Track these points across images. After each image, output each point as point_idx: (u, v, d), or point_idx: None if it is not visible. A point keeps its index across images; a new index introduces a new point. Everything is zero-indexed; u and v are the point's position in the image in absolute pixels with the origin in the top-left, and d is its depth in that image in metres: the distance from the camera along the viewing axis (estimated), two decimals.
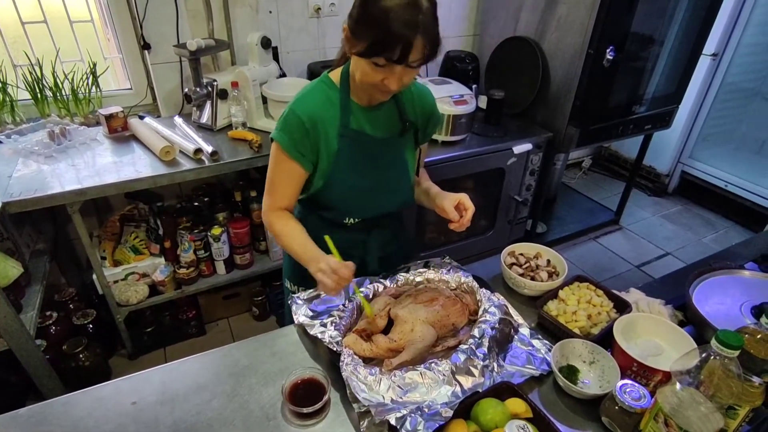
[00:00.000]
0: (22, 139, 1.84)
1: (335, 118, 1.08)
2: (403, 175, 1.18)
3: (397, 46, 0.89)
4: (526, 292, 1.17)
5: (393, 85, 0.97)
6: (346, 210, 1.17)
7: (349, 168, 1.11)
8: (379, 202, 1.19)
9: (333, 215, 1.17)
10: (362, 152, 1.12)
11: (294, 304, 1.08)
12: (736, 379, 0.69)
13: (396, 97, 1.13)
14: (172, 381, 0.96)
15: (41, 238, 1.97)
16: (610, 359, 0.94)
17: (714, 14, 2.46)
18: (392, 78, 0.95)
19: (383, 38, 0.89)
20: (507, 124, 2.40)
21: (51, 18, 1.96)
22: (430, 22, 0.91)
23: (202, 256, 2.08)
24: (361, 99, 1.10)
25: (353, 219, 1.19)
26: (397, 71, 0.94)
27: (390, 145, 1.15)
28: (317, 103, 1.07)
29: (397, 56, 0.90)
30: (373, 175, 1.14)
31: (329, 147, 1.08)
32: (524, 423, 0.75)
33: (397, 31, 0.87)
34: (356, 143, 1.10)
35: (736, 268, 1.20)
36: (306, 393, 0.88)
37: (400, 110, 1.14)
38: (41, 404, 0.91)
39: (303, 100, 1.08)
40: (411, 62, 0.92)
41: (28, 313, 1.64)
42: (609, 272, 2.79)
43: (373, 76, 0.96)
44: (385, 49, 0.90)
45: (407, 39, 0.88)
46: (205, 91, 1.99)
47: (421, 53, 0.92)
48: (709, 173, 3.35)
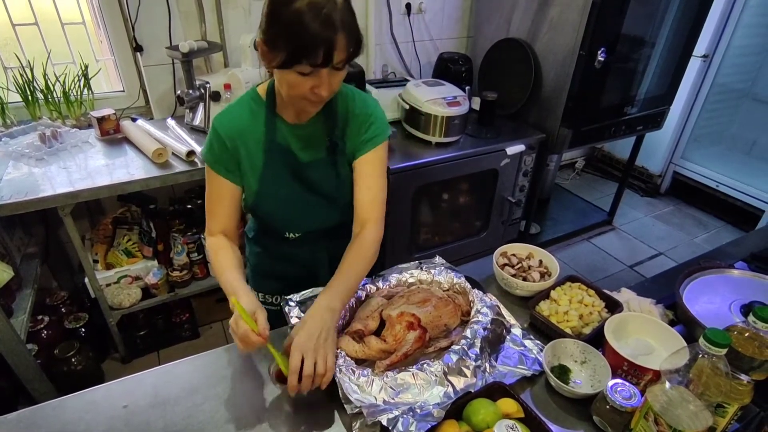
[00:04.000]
0: (13, 142, 1.83)
1: (261, 132, 1.03)
2: (336, 194, 1.11)
3: (319, 48, 0.83)
4: (519, 292, 1.18)
5: (324, 92, 0.90)
6: (283, 225, 1.14)
7: (277, 183, 1.06)
8: (314, 218, 1.14)
9: (273, 229, 1.15)
10: (290, 168, 1.07)
11: (287, 306, 1.07)
12: (724, 377, 0.70)
13: (327, 111, 1.04)
14: (164, 384, 0.95)
15: (32, 242, 1.96)
16: (601, 359, 0.94)
17: (704, 16, 2.48)
18: (321, 85, 0.89)
19: (302, 43, 0.82)
20: (500, 126, 2.41)
21: (42, 20, 1.95)
22: (347, 17, 0.84)
23: (195, 258, 2.08)
24: (288, 115, 1.04)
25: (293, 234, 1.15)
26: (324, 75, 0.88)
27: (316, 166, 1.08)
28: (239, 117, 1.03)
29: (321, 59, 0.84)
30: (304, 192, 1.09)
31: (254, 163, 1.04)
32: (513, 423, 0.76)
33: (315, 32, 0.81)
34: (282, 158, 1.05)
35: (725, 268, 1.21)
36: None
37: (328, 127, 1.06)
38: (31, 408, 0.90)
39: (224, 115, 1.03)
40: (336, 64, 0.86)
41: (18, 318, 1.63)
42: (602, 272, 2.81)
43: (301, 87, 0.89)
44: (307, 54, 0.83)
45: (328, 39, 0.82)
46: (198, 93, 1.99)
47: (345, 52, 0.86)
48: (700, 174, 3.37)
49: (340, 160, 1.09)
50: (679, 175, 3.50)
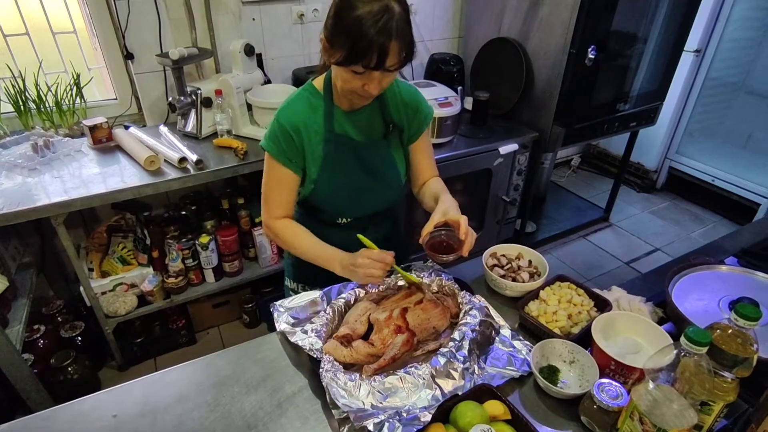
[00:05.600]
0: (6, 152, 1.83)
1: (319, 124, 1.11)
2: (390, 175, 1.21)
3: (374, 53, 0.91)
4: (508, 293, 1.18)
5: (373, 91, 0.99)
6: (337, 211, 1.21)
7: (336, 171, 1.14)
8: (368, 202, 1.22)
9: (326, 216, 1.21)
10: (348, 155, 1.15)
11: (276, 312, 1.08)
12: (707, 375, 0.70)
13: (380, 98, 1.14)
14: (154, 392, 0.96)
15: (27, 251, 1.96)
16: (589, 358, 0.94)
17: (695, 10, 2.49)
18: (372, 84, 0.98)
19: (359, 47, 0.91)
20: (493, 125, 2.41)
21: (33, 30, 1.96)
22: (403, 26, 0.93)
23: (190, 264, 2.08)
24: (343, 104, 1.13)
25: (345, 219, 1.23)
26: (376, 77, 0.97)
27: (375, 147, 1.18)
28: (300, 111, 1.11)
29: (375, 63, 0.92)
30: (360, 177, 1.17)
31: (314, 153, 1.12)
32: (488, 427, 0.75)
33: (371, 38, 0.89)
34: (341, 147, 1.13)
35: (714, 264, 1.21)
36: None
37: (383, 112, 1.16)
38: (22, 419, 0.90)
39: (286, 109, 1.11)
40: (388, 67, 0.94)
41: (14, 328, 1.63)
42: (599, 269, 2.81)
43: (353, 84, 0.99)
44: (362, 57, 0.92)
45: (382, 45, 0.90)
46: (190, 100, 1.99)
47: (398, 57, 0.94)
48: (696, 168, 3.37)
49: (395, 142, 1.20)
50: (674, 171, 3.50)
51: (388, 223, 1.34)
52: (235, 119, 2.03)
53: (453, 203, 1.11)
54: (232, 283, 2.20)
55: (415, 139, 1.23)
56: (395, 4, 0.91)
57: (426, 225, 1.07)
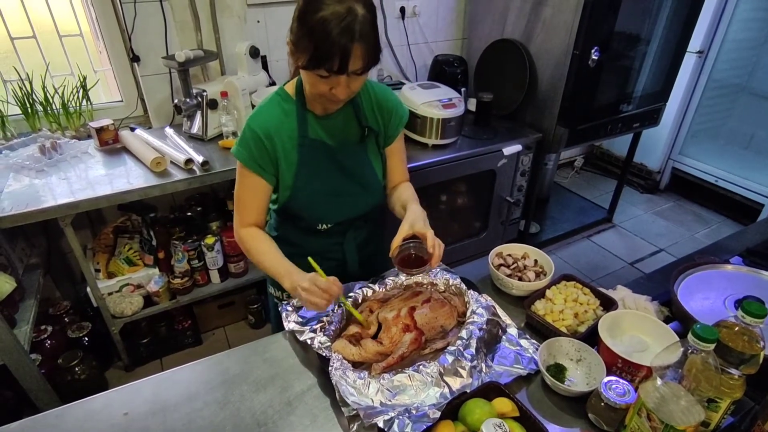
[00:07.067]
0: (13, 154, 1.85)
1: (293, 129, 1.08)
2: (369, 179, 1.18)
3: (336, 56, 0.89)
4: (514, 292, 1.19)
5: (341, 95, 0.97)
6: (316, 217, 1.18)
7: (312, 177, 1.12)
8: (347, 206, 1.19)
9: (305, 223, 1.19)
10: (324, 161, 1.12)
11: (284, 312, 1.09)
12: (714, 372, 0.70)
13: (353, 102, 1.12)
14: (164, 391, 0.97)
15: (35, 252, 1.98)
16: (596, 356, 0.95)
17: (697, 11, 2.49)
18: (339, 88, 0.96)
19: (321, 49, 0.89)
20: (496, 126, 2.42)
21: (40, 32, 1.97)
22: (367, 29, 0.91)
23: (196, 265, 2.09)
24: (316, 109, 1.10)
25: (325, 225, 1.20)
26: (342, 81, 0.95)
27: (351, 152, 1.15)
28: (272, 116, 1.08)
29: (337, 66, 0.90)
30: (338, 182, 1.15)
31: (289, 158, 1.09)
32: (501, 421, 0.76)
33: (334, 41, 0.87)
34: (317, 152, 1.11)
35: (719, 263, 1.21)
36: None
37: (358, 116, 1.14)
38: (32, 418, 0.91)
39: (258, 114, 1.09)
40: (352, 71, 0.92)
41: (22, 328, 1.64)
42: (603, 270, 2.81)
43: (320, 88, 0.97)
44: (325, 60, 0.90)
45: (345, 48, 0.88)
46: (195, 102, 2.00)
47: (362, 61, 0.92)
48: (699, 169, 3.37)
49: (371, 145, 1.18)
50: (678, 171, 3.50)
51: (369, 226, 1.30)
52: (240, 121, 2.04)
53: (421, 213, 1.09)
54: (237, 283, 2.21)
55: (390, 141, 1.21)
56: (359, 7, 0.89)
57: (395, 238, 1.05)
